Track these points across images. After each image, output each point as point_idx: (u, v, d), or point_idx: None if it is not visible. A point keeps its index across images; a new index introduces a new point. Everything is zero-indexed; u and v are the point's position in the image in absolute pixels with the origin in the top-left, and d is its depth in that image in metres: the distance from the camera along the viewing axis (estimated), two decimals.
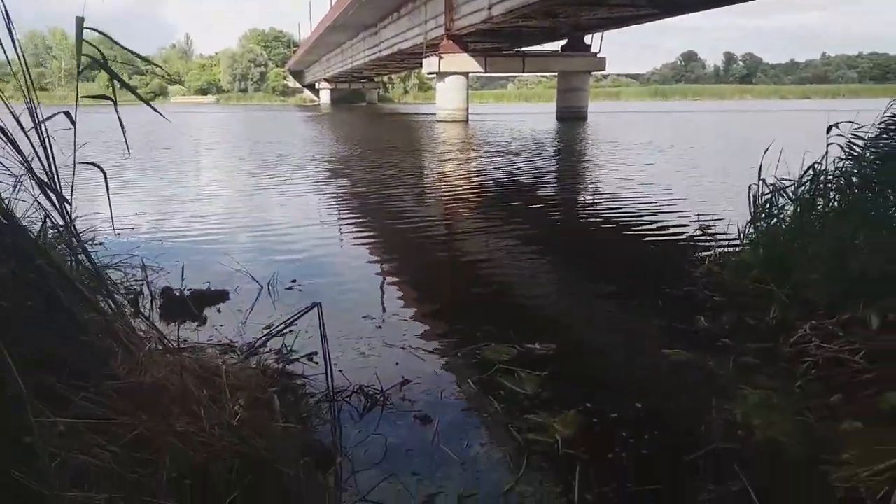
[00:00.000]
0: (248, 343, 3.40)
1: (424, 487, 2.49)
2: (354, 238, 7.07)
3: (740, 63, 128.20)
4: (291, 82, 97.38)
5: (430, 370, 3.48)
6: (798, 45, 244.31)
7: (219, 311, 4.49)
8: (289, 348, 3.56)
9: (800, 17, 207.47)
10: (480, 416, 3.02)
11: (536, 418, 2.98)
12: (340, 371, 3.38)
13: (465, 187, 11.42)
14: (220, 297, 4.71)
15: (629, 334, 4.22)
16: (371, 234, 7.39)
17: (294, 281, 5.08)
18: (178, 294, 4.71)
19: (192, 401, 2.26)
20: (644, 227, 7.65)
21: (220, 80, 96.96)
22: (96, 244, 5.95)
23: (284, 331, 3.23)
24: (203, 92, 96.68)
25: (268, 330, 3.08)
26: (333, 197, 10.31)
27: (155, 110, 2.90)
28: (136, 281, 5.04)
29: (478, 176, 13.03)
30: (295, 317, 2.74)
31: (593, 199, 10.30)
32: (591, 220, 8.58)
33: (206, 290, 4.79)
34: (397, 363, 3.55)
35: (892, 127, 4.86)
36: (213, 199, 9.72)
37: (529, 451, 2.72)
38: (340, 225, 7.95)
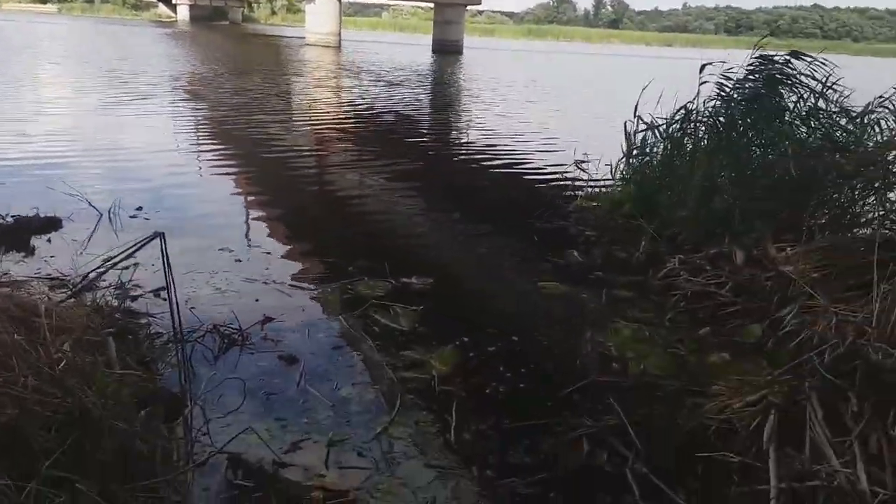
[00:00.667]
0: (81, 277, 2.94)
1: (290, 434, 2.25)
2: (214, 167, 6.44)
3: (609, 8, 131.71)
4: None
5: (297, 306, 3.19)
6: None
7: (49, 240, 3.92)
8: (130, 284, 3.14)
9: None
10: (352, 355, 2.80)
11: (413, 355, 2.81)
12: (192, 309, 3.02)
13: (338, 118, 10.88)
14: (51, 224, 4.12)
15: (505, 269, 4.13)
16: (234, 163, 6.76)
17: (140, 209, 4.54)
18: None
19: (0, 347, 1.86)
20: (521, 164, 7.61)
21: None
22: None
23: (124, 264, 2.81)
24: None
25: (105, 262, 2.66)
26: (192, 122, 9.44)
27: None
28: None
29: (351, 106, 12.47)
30: (133, 248, 2.34)
31: (471, 134, 10.15)
32: (469, 156, 8.42)
33: (34, 217, 4.17)
34: (258, 300, 3.23)
35: (759, 70, 4.97)
36: (49, 119, 8.56)
37: (405, 390, 2.56)
38: (199, 152, 7.25)
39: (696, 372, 2.79)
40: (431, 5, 38.41)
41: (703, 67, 5.15)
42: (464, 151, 8.71)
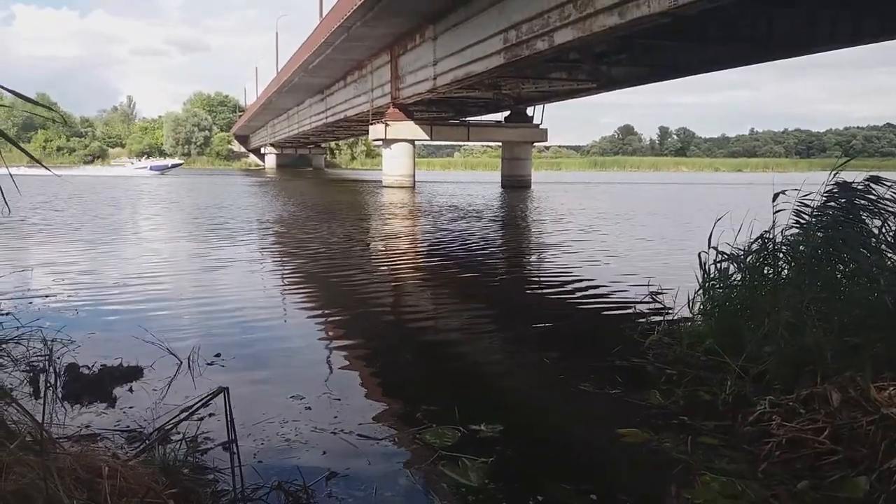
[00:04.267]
0: (153, 430, 2.96)
1: None
2: (297, 312, 6.59)
3: (675, 137, 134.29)
4: (236, 146, 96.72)
5: (364, 459, 3.09)
6: (729, 120, 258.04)
7: (130, 390, 4.02)
8: (202, 437, 3.14)
9: (731, 94, 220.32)
10: None
11: None
12: (260, 462, 2.98)
13: (412, 255, 11.17)
14: (133, 374, 4.24)
15: (581, 412, 3.93)
16: (316, 307, 6.87)
17: (218, 355, 4.63)
18: (85, 372, 4.24)
19: None
20: (594, 296, 7.50)
21: (162, 143, 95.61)
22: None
23: (193, 417, 2.82)
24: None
25: (173, 418, 2.68)
26: (277, 267, 9.89)
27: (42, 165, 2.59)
28: (42, 356, 4.52)
29: (425, 243, 12.82)
30: (197, 404, 2.36)
31: (542, 266, 10.17)
32: (540, 288, 8.39)
33: (118, 366, 4.32)
34: (326, 452, 3.15)
35: (836, 195, 4.84)
36: (144, 269, 9.10)
37: None
38: (283, 297, 7.49)
39: None
40: (500, 144, 40.06)
41: (776, 196, 5.05)
42: (539, 287, 8.67)
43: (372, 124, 35.34)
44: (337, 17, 27.33)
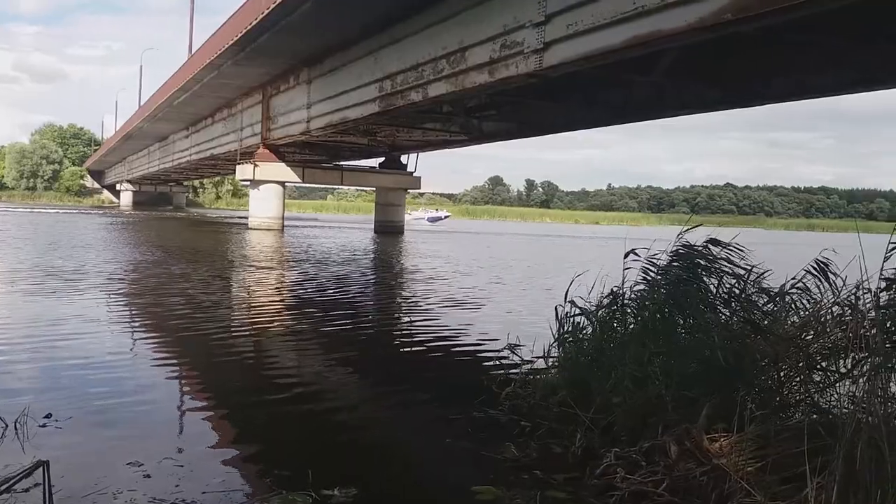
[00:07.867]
0: None
1: None
2: (141, 364, 6.16)
3: (540, 189, 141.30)
4: (90, 182, 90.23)
5: None
6: (588, 175, 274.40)
7: None
8: None
9: (589, 152, 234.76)
10: None
11: None
12: None
13: (272, 302, 10.84)
14: None
15: (436, 470, 3.92)
16: (161, 359, 6.42)
17: (49, 416, 4.20)
18: None
19: None
20: (454, 346, 7.58)
21: (3, 176, 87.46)
22: None
23: (11, 491, 2.53)
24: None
25: None
26: (119, 313, 9.22)
27: None
28: None
29: (285, 290, 12.49)
30: (14, 479, 2.12)
31: (405, 315, 10.19)
32: (405, 339, 8.38)
33: None
34: None
35: (681, 256, 5.23)
36: None
37: None
38: (127, 349, 6.97)
39: None
40: (374, 189, 40.26)
41: (627, 254, 5.38)
42: (401, 334, 8.67)
43: (240, 164, 34.34)
44: (208, 54, 26.57)
